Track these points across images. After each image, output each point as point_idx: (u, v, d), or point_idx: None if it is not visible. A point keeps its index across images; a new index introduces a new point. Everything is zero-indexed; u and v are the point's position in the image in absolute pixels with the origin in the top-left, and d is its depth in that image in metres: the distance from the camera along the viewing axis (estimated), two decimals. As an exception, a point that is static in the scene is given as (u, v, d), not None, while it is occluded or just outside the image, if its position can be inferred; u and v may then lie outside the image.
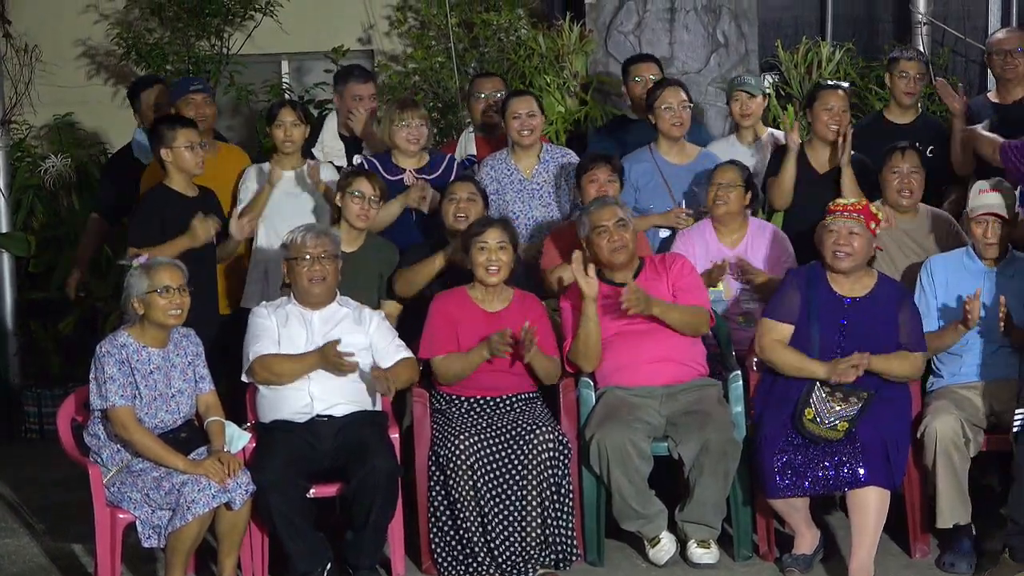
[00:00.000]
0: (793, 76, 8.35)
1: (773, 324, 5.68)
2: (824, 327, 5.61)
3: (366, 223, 6.17)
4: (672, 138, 6.68)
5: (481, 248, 5.78)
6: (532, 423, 5.62)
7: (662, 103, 6.64)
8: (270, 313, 5.73)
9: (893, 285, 5.79)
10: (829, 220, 5.66)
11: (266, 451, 5.49)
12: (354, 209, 6.14)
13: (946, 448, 5.47)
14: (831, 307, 5.65)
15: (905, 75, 6.97)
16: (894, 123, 7.01)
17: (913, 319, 5.67)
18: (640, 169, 6.66)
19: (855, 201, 5.77)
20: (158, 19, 9.05)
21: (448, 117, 8.76)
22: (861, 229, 5.63)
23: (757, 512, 5.71)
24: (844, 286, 5.68)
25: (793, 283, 5.73)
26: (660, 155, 6.70)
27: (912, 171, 6.24)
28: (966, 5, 9.02)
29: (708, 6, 8.35)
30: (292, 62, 9.73)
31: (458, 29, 8.82)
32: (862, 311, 5.64)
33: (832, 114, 6.61)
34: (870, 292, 5.69)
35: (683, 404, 5.71)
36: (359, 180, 6.16)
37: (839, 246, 5.61)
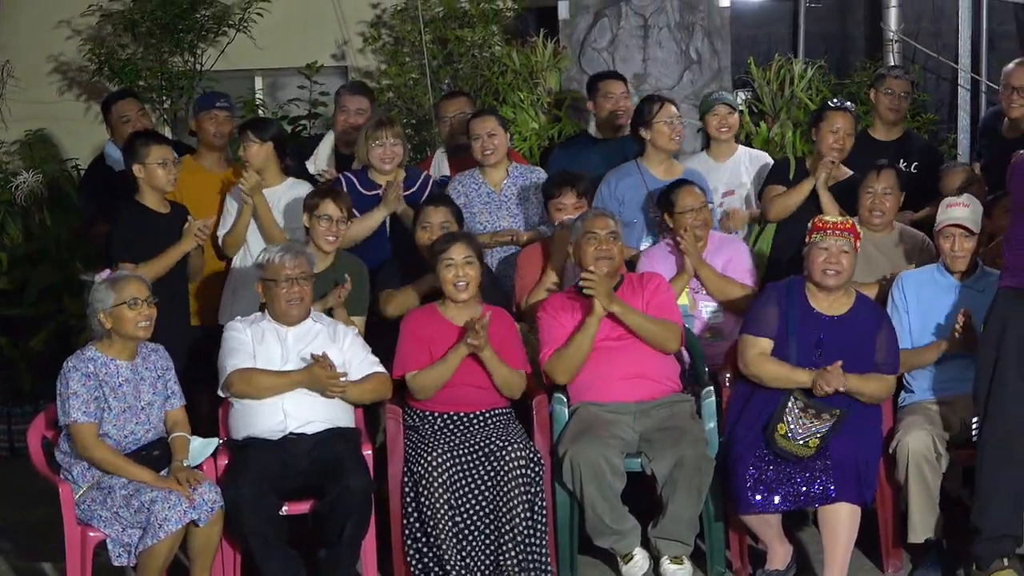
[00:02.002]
0: (765, 93, 8.39)
1: (754, 339, 5.69)
2: (801, 343, 5.62)
3: (334, 245, 6.16)
4: (668, 151, 6.70)
5: (448, 265, 5.78)
6: (505, 439, 5.62)
7: (663, 116, 6.65)
8: (245, 328, 5.72)
9: (871, 305, 5.81)
10: (819, 237, 5.66)
11: (239, 468, 5.47)
12: (322, 231, 6.12)
13: (918, 463, 5.49)
14: (809, 323, 5.66)
15: (891, 92, 7.00)
16: (878, 140, 7.04)
17: (891, 341, 5.68)
18: (626, 183, 6.68)
19: (843, 219, 5.78)
20: (131, 35, 9.04)
21: (422, 133, 8.78)
22: (850, 247, 5.65)
23: (730, 528, 5.72)
24: (823, 303, 5.70)
25: (771, 298, 5.75)
26: (647, 170, 6.71)
27: (886, 192, 6.26)
28: (937, 23, 9.10)
29: (681, 23, 8.39)
30: (266, 78, 9.74)
31: (432, 45, 8.83)
32: (840, 329, 5.65)
33: (837, 136, 6.59)
34: (849, 311, 5.70)
35: (656, 420, 5.71)
36: (325, 203, 6.14)
37: (830, 264, 5.62)
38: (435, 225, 6.19)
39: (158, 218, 6.23)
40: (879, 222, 6.28)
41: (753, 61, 8.56)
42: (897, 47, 8.83)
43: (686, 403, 5.82)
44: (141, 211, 6.22)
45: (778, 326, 5.66)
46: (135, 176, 6.21)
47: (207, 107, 6.85)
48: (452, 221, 6.24)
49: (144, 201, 6.23)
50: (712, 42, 8.42)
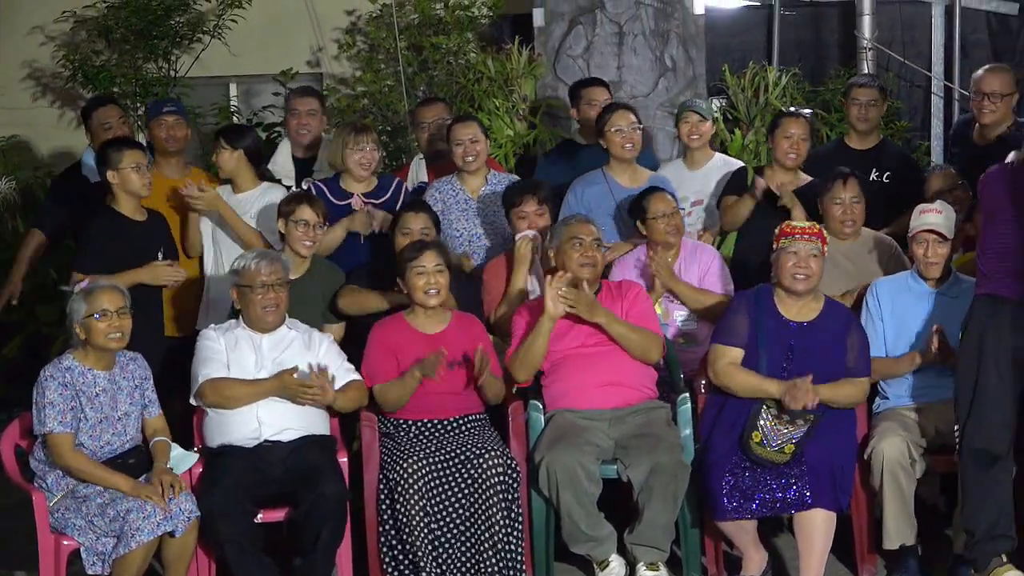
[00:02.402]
0: (740, 100, 8.42)
1: (724, 349, 5.70)
2: (771, 350, 5.63)
3: (311, 250, 6.15)
4: (624, 160, 6.70)
5: (419, 272, 5.78)
6: (481, 446, 5.61)
7: (612, 126, 6.67)
8: (219, 336, 5.70)
9: (840, 309, 5.82)
10: (787, 243, 5.68)
11: (214, 476, 5.45)
12: (298, 236, 6.11)
13: (893, 469, 5.51)
14: (779, 331, 5.68)
15: (857, 101, 7.04)
16: (854, 149, 7.07)
17: (860, 343, 5.70)
18: (593, 192, 6.69)
19: (810, 224, 5.80)
20: (105, 41, 9.02)
21: (397, 141, 8.77)
22: (819, 252, 5.67)
23: (706, 534, 5.72)
24: (792, 310, 5.71)
25: (741, 306, 5.76)
26: (612, 178, 6.73)
27: (854, 200, 6.28)
28: (910, 31, 9.14)
29: (656, 31, 8.42)
30: (241, 85, 9.72)
31: (407, 52, 8.84)
32: (810, 335, 5.67)
33: (792, 142, 6.64)
34: (818, 316, 5.72)
35: (632, 427, 5.72)
36: (302, 207, 6.13)
37: (799, 268, 5.64)
38: (415, 231, 6.18)
39: (133, 226, 6.20)
40: (850, 230, 6.30)
41: (728, 69, 8.60)
42: (871, 55, 8.86)
43: (662, 410, 5.83)
44: (115, 218, 6.19)
45: (748, 334, 5.68)
46: (110, 183, 6.19)
47: (155, 114, 6.84)
48: (431, 227, 6.24)
49: (119, 208, 6.21)
50: (687, 50, 8.45)
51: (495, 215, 6.66)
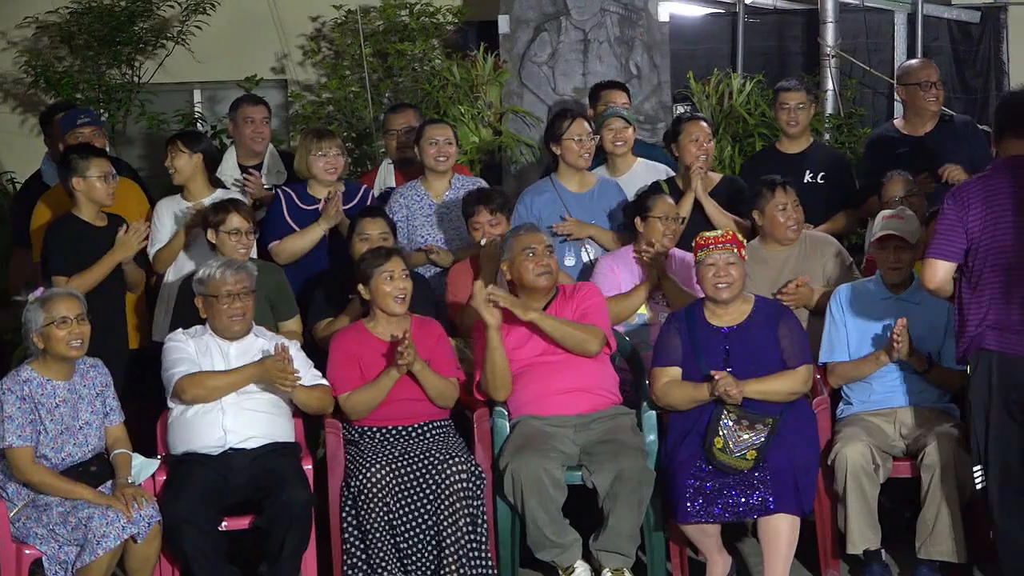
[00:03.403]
0: (705, 107, 8.46)
1: (661, 371, 5.73)
2: (709, 360, 5.65)
3: (246, 256, 6.12)
4: (579, 168, 6.72)
5: (389, 278, 5.77)
6: (446, 453, 5.61)
7: (573, 135, 6.67)
8: (188, 339, 5.69)
9: (770, 305, 5.85)
10: (704, 255, 5.70)
11: (178, 484, 5.43)
12: (233, 245, 6.08)
13: (856, 475, 5.54)
14: (712, 339, 5.70)
15: (785, 106, 7.09)
16: (786, 153, 7.14)
17: (792, 333, 5.71)
18: (542, 200, 6.70)
19: (722, 232, 5.81)
20: (68, 47, 8.97)
21: (363, 147, 8.76)
22: (736, 259, 5.70)
23: (670, 540, 5.73)
24: (722, 317, 5.74)
25: (671, 327, 5.79)
26: (561, 185, 6.74)
27: (796, 204, 6.33)
28: (873, 39, 9.20)
29: (621, 38, 8.44)
30: (205, 91, 9.67)
31: (372, 59, 8.83)
32: (742, 337, 5.69)
33: (698, 144, 6.72)
34: (747, 317, 5.74)
35: (597, 433, 5.72)
36: (231, 216, 6.09)
37: (719, 278, 5.66)
38: (374, 237, 6.18)
39: (95, 231, 6.19)
40: (795, 235, 6.34)
41: (692, 76, 8.62)
42: (834, 62, 8.91)
43: (627, 416, 5.84)
44: (77, 225, 6.16)
45: (683, 351, 5.70)
46: (73, 190, 6.16)
47: (70, 126, 6.80)
48: (389, 233, 6.24)
49: (81, 215, 6.18)
50: (651, 57, 8.47)
51: (459, 220, 6.66)
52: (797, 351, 5.69)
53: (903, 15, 9.17)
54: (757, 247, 6.30)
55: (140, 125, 8.98)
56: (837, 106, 8.85)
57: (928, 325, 5.82)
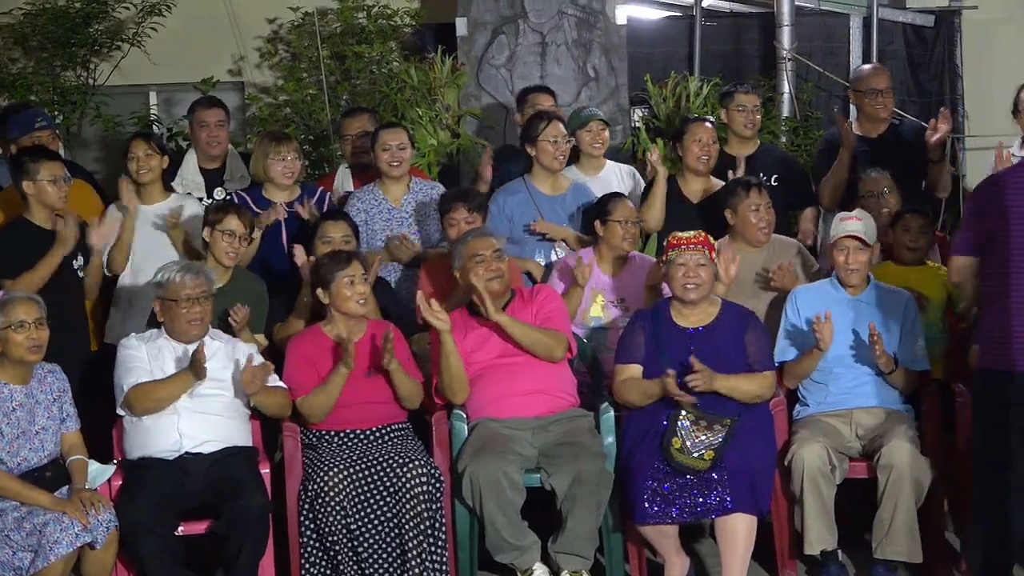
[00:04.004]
0: (662, 110, 8.49)
1: (623, 367, 5.76)
2: (673, 360, 5.67)
3: (234, 260, 6.12)
4: (553, 171, 6.73)
5: (350, 282, 5.76)
6: (405, 456, 5.60)
7: (549, 136, 6.68)
8: (141, 344, 5.65)
9: (736, 309, 5.87)
10: (675, 254, 5.72)
11: (134, 489, 5.40)
12: (223, 247, 6.08)
13: (813, 475, 5.57)
14: (678, 339, 5.73)
15: (743, 108, 7.12)
16: (733, 156, 7.15)
17: (759, 339, 5.75)
18: (514, 201, 6.70)
19: (695, 233, 5.84)
20: (22, 49, 8.90)
21: (320, 150, 8.73)
22: (706, 260, 5.72)
23: (629, 541, 5.75)
24: (689, 318, 5.76)
25: (637, 325, 5.81)
26: (534, 186, 6.75)
27: (768, 206, 6.37)
28: (829, 42, 9.26)
29: (579, 40, 8.45)
30: (161, 93, 9.62)
31: (330, 61, 8.81)
32: (708, 339, 5.72)
33: (702, 145, 6.77)
34: (714, 320, 5.77)
35: (555, 435, 5.73)
36: (229, 217, 6.10)
37: (689, 278, 5.69)
38: (336, 239, 6.17)
39: (45, 235, 6.12)
40: (765, 237, 6.37)
41: (650, 78, 8.65)
42: (790, 65, 8.96)
43: (585, 418, 5.85)
44: (27, 228, 6.11)
45: (647, 349, 5.72)
46: (24, 193, 6.11)
47: (27, 128, 6.74)
48: (351, 235, 6.23)
49: (33, 218, 6.13)
50: (609, 59, 8.49)
51: (417, 224, 6.65)
52: (764, 357, 5.73)
53: (858, 19, 9.23)
54: (725, 246, 6.31)
55: (95, 127, 8.91)
56: (793, 109, 8.90)
57: (884, 326, 5.85)
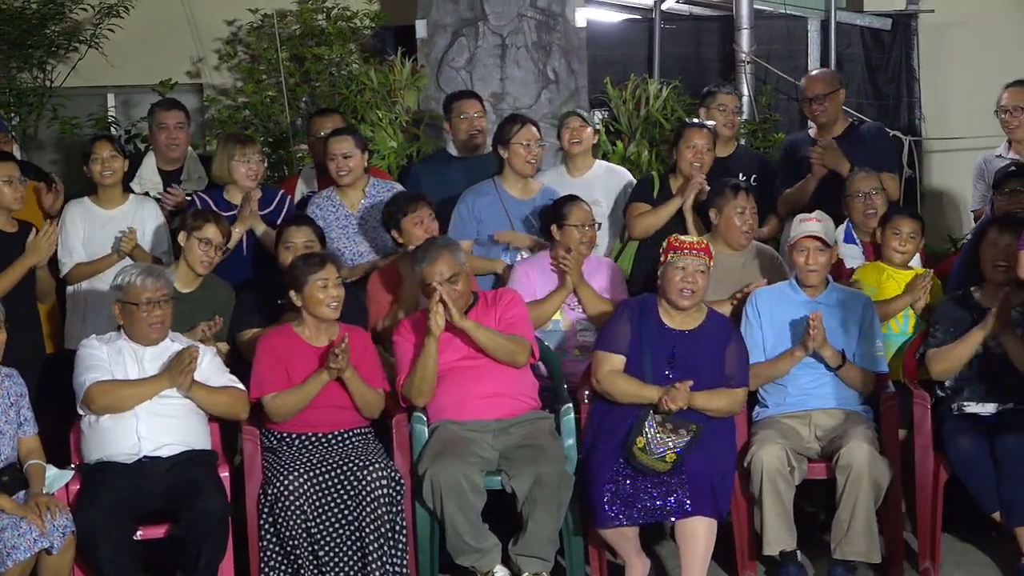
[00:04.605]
0: (622, 112, 8.50)
1: (606, 355, 5.75)
2: (654, 358, 5.69)
3: (208, 269, 6.11)
4: (524, 175, 6.73)
5: (323, 285, 5.74)
6: (365, 460, 5.59)
7: (520, 138, 6.68)
8: (101, 345, 5.63)
9: (721, 320, 5.90)
10: (675, 257, 5.73)
11: (91, 493, 5.36)
12: (199, 254, 6.08)
13: (772, 477, 5.59)
14: (661, 339, 5.74)
15: (724, 108, 7.17)
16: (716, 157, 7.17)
17: (739, 354, 5.78)
18: (483, 202, 6.70)
19: (698, 239, 5.86)
20: (-24, 50, 8.83)
21: (280, 152, 8.70)
22: (705, 267, 5.74)
23: (589, 543, 5.75)
24: (676, 320, 5.78)
25: (624, 315, 5.81)
26: (504, 189, 6.75)
27: (753, 210, 6.38)
28: (788, 45, 9.30)
29: (538, 43, 8.46)
30: (119, 95, 9.57)
31: (289, 63, 8.78)
32: (691, 344, 5.74)
33: (696, 151, 6.74)
34: (700, 326, 5.79)
35: (516, 438, 5.73)
36: (208, 226, 6.09)
37: (686, 284, 5.70)
38: (298, 245, 6.15)
39: (5, 237, 6.10)
40: (747, 241, 6.39)
41: (609, 81, 8.67)
42: (749, 68, 9.00)
43: (545, 420, 5.85)
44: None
45: (631, 342, 5.72)
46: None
47: None
48: (315, 240, 6.21)
49: (-12, 221, 6.11)
50: (569, 62, 8.51)
51: (376, 229, 6.64)
52: (741, 373, 5.75)
53: (816, 22, 9.28)
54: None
55: (52, 129, 8.85)
56: (752, 112, 8.93)
57: (841, 328, 5.89)
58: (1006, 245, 5.85)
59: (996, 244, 5.89)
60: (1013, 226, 5.89)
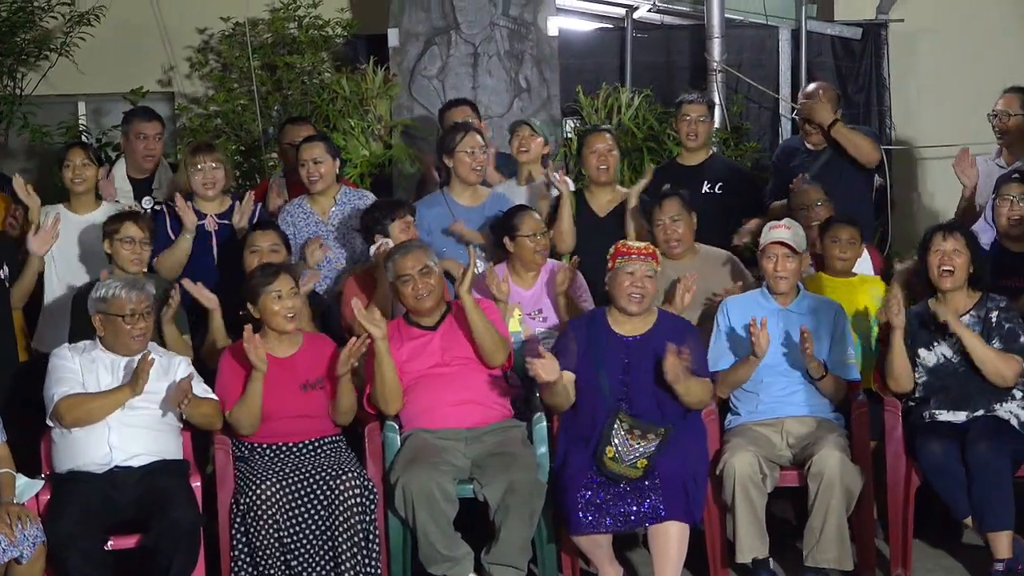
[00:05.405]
0: (594, 121, 8.51)
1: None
2: (609, 368, 5.70)
3: (139, 266, 6.09)
4: (470, 183, 6.74)
5: (277, 297, 5.73)
6: (338, 468, 5.57)
7: (464, 146, 6.69)
8: (74, 356, 5.61)
9: (673, 319, 5.91)
10: (623, 262, 5.75)
11: (62, 503, 5.33)
12: (126, 255, 6.05)
13: (744, 484, 5.60)
14: (614, 347, 5.75)
15: (687, 117, 7.23)
16: (684, 165, 7.27)
17: (697, 349, 5.78)
18: (433, 214, 6.70)
19: (644, 245, 5.88)
20: (-55, 58, 8.78)
21: (252, 160, 8.68)
22: (653, 272, 5.76)
23: (562, 551, 5.75)
24: (626, 326, 5.79)
25: (570, 333, 5.83)
26: (452, 198, 6.75)
27: (673, 219, 6.40)
28: (758, 54, 9.34)
29: (511, 52, 8.47)
30: (90, 103, 9.54)
31: (261, 72, 8.76)
32: (644, 348, 5.75)
33: (598, 155, 6.81)
34: (651, 329, 5.80)
35: (488, 446, 5.73)
36: (126, 225, 6.08)
37: (635, 288, 5.72)
38: (264, 249, 6.15)
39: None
40: (679, 250, 6.41)
41: (581, 90, 8.68)
42: (720, 77, 9.02)
43: (517, 428, 5.85)
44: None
45: (582, 357, 5.73)
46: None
47: None
48: (280, 244, 6.21)
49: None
50: (541, 71, 8.52)
51: (346, 236, 6.63)
52: (701, 364, 5.77)
53: (787, 31, 9.32)
54: None
55: (22, 137, 8.81)
56: (724, 120, 8.96)
57: (813, 335, 5.90)
58: (951, 250, 5.88)
59: (939, 250, 5.91)
60: (955, 232, 5.92)
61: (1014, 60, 9.15)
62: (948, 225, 6.06)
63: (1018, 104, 7.00)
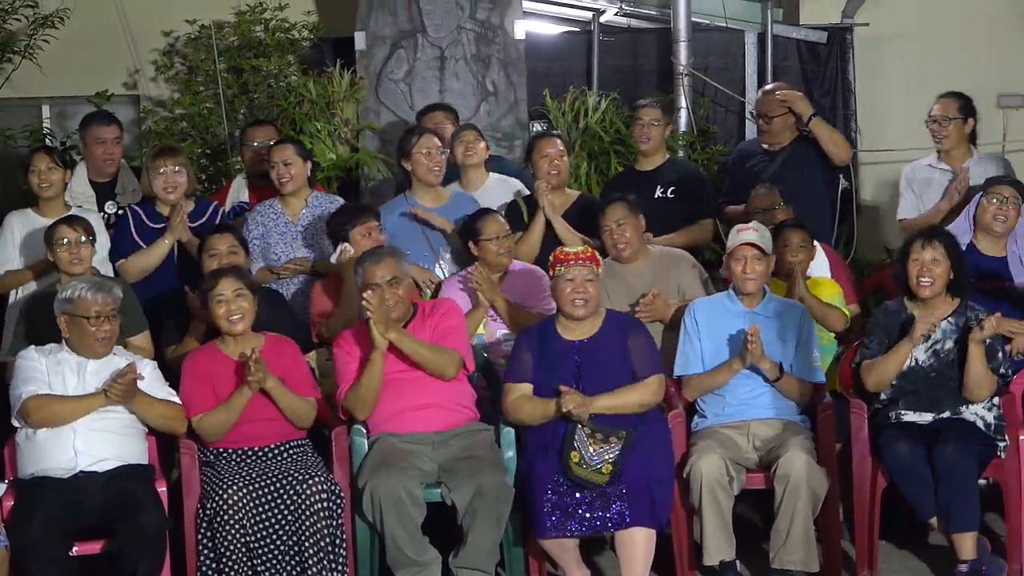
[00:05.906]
0: (561, 124, 8.52)
1: (512, 386, 5.78)
2: (560, 373, 5.70)
3: (82, 267, 6.08)
4: (430, 184, 6.75)
5: (220, 300, 5.72)
6: (305, 473, 5.56)
7: (420, 148, 6.70)
8: (40, 357, 5.58)
9: (620, 318, 5.92)
10: (563, 269, 5.75)
11: (26, 509, 5.30)
12: (66, 257, 6.05)
13: (711, 487, 5.61)
14: (563, 353, 5.75)
15: (640, 121, 7.27)
16: (638, 171, 7.31)
17: (642, 345, 5.78)
18: (394, 218, 6.71)
19: (581, 249, 5.88)
20: (-95, 61, 8.72)
21: (217, 163, 8.65)
22: (593, 275, 5.76)
23: (530, 555, 5.75)
24: (574, 331, 5.79)
25: (522, 343, 5.83)
26: (415, 200, 6.77)
27: (619, 223, 6.41)
28: (725, 58, 9.36)
29: (477, 55, 8.46)
30: (54, 106, 9.49)
31: (227, 75, 8.73)
32: (592, 350, 5.75)
33: (549, 160, 6.85)
34: (598, 331, 5.81)
35: (455, 450, 5.72)
36: (60, 228, 6.09)
37: (577, 294, 5.72)
38: (222, 252, 6.14)
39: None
40: (627, 254, 6.43)
41: (548, 93, 8.69)
42: (687, 80, 9.05)
43: (485, 432, 5.85)
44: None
45: (535, 365, 5.74)
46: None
47: None
48: (238, 246, 6.21)
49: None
50: (508, 74, 8.51)
51: (317, 239, 6.62)
52: (646, 362, 5.75)
53: (753, 35, 9.35)
54: (611, 263, 6.37)
55: (-14, 141, 8.76)
56: (690, 123, 8.98)
57: (779, 338, 5.93)
58: (930, 260, 5.89)
59: (919, 260, 5.92)
60: (934, 240, 5.93)
61: (979, 65, 9.21)
62: (928, 233, 6.00)
63: (955, 108, 7.04)
